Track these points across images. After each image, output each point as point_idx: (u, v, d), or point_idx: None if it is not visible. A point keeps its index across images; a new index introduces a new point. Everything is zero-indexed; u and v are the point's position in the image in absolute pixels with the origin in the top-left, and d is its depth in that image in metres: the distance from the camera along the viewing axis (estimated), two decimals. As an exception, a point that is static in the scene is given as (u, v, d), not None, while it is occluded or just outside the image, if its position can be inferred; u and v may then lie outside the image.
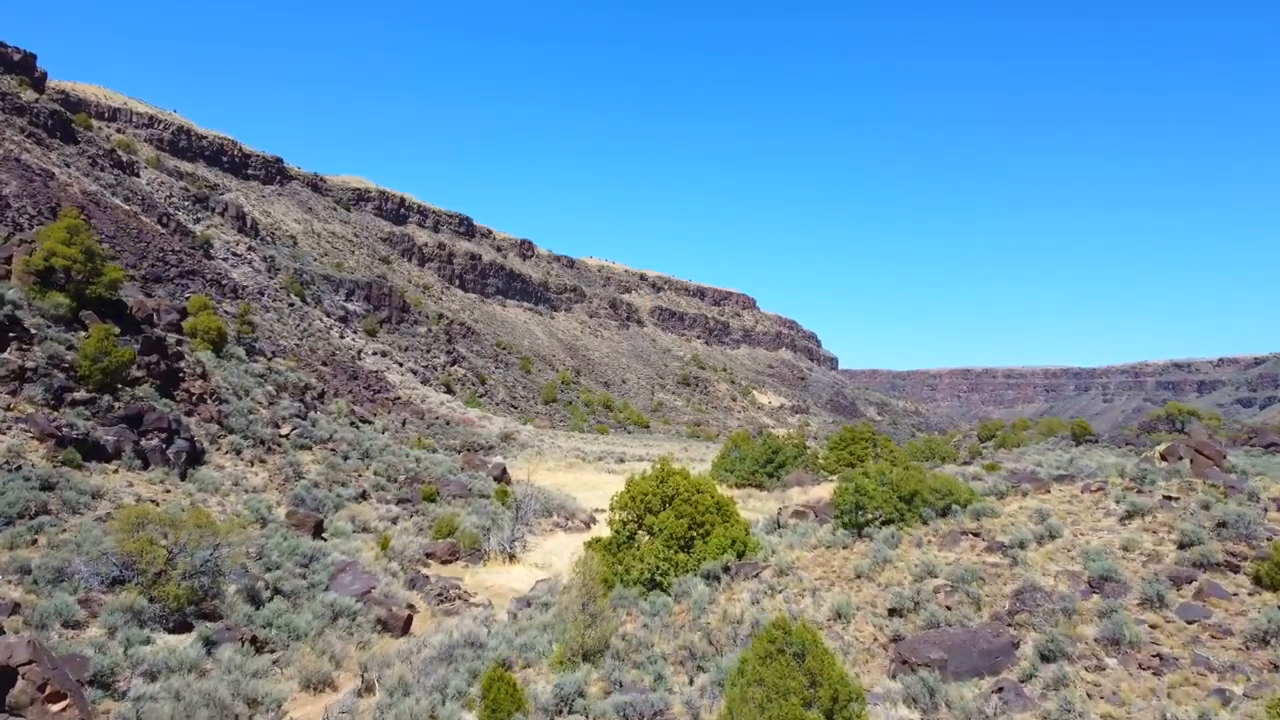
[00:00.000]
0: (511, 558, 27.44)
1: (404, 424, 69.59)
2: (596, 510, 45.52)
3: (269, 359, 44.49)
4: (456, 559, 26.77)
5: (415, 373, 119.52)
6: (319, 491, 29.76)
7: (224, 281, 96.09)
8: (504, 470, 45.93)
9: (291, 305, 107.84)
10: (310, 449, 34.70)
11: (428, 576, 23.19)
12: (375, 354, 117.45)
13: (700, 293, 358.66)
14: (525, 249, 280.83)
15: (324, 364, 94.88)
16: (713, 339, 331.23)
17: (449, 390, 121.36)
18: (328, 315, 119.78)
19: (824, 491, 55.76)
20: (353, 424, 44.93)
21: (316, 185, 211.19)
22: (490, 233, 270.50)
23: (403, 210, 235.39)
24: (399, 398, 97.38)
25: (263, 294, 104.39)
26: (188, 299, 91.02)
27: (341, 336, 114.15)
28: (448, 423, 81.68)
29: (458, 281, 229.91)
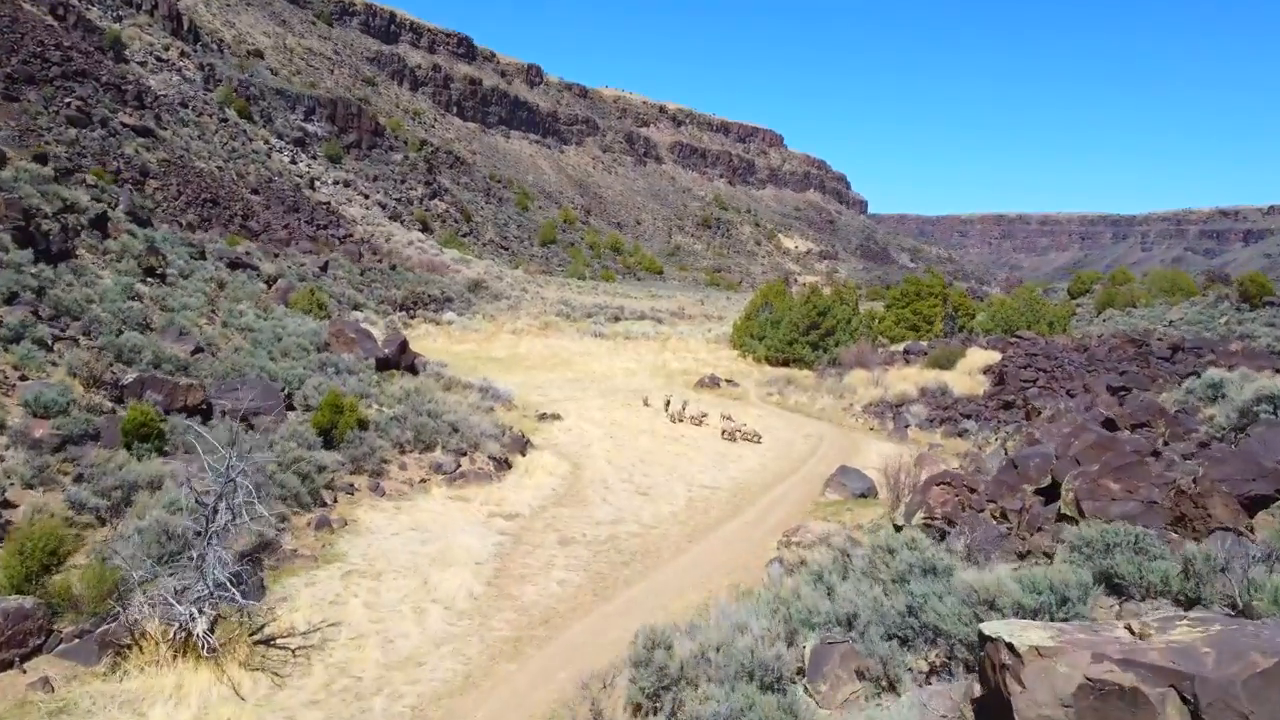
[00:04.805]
0: (186, 651, 10.16)
1: (324, 268, 51.90)
2: (548, 415, 28.08)
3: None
4: (29, 652, 9.79)
5: (384, 206, 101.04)
6: None
7: (126, 87, 76.53)
8: (403, 345, 28.39)
9: (224, 121, 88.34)
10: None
11: None
12: (336, 183, 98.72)
13: (724, 128, 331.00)
14: (533, 75, 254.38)
15: (254, 192, 76.53)
16: (736, 179, 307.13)
17: (425, 228, 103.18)
18: (279, 137, 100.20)
19: (904, 382, 36.86)
20: (149, 271, 27.28)
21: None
22: (494, 56, 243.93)
23: (393, 28, 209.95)
24: (350, 235, 79.46)
25: (185, 105, 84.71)
26: (67, 104, 72.25)
27: (294, 161, 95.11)
28: (393, 266, 63.90)
29: (455, 109, 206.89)
